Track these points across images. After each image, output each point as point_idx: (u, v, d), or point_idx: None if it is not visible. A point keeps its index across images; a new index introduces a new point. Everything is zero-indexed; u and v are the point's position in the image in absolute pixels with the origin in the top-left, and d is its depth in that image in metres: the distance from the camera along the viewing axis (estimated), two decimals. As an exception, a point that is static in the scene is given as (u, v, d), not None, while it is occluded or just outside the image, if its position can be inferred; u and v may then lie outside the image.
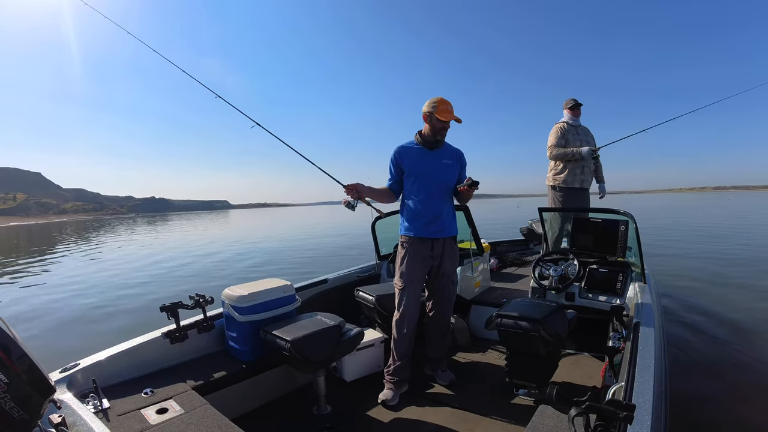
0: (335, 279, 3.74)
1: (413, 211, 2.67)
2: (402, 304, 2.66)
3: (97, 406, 1.85)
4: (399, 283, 2.69)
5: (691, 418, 2.82)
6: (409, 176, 2.68)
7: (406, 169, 2.68)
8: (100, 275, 11.02)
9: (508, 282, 4.28)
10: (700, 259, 9.45)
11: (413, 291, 2.67)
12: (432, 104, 2.59)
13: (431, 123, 2.62)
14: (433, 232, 2.66)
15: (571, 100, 4.47)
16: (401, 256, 2.69)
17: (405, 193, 2.74)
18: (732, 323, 4.84)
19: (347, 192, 2.61)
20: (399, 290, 2.69)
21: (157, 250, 17.92)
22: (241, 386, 2.44)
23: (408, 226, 2.69)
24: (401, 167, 2.69)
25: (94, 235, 29.90)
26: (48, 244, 25.12)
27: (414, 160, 2.67)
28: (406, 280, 2.65)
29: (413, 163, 2.67)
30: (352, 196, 2.61)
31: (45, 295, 8.62)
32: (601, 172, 4.67)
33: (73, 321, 6.60)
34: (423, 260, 2.67)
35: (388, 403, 2.54)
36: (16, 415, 1.21)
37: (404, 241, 2.70)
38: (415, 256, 2.65)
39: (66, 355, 2.75)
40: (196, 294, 2.59)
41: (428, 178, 2.66)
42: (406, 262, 2.66)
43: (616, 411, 1.22)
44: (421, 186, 2.66)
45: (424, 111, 2.63)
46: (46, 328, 6.19)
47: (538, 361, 2.47)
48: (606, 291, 3.04)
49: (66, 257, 16.37)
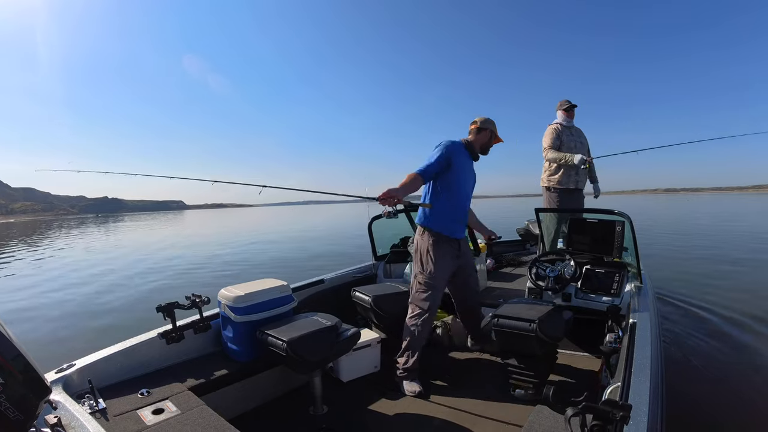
0: (332, 279, 3.74)
1: (450, 211, 2.77)
2: (429, 303, 2.74)
3: (93, 406, 1.84)
4: (429, 282, 2.74)
5: (688, 418, 2.83)
6: (454, 176, 2.74)
7: (455, 167, 2.73)
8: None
9: (505, 282, 4.28)
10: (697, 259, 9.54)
11: (441, 291, 2.81)
12: (490, 122, 2.86)
13: (489, 139, 2.87)
14: (460, 233, 2.86)
15: (566, 102, 4.48)
16: (430, 254, 2.74)
17: (441, 189, 2.76)
18: (729, 323, 4.87)
19: (383, 203, 2.49)
20: (428, 289, 2.74)
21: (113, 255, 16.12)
22: (237, 387, 2.43)
23: (440, 224, 2.77)
24: (451, 162, 2.71)
25: (39, 240, 26.74)
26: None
27: (463, 162, 2.80)
28: (437, 280, 2.75)
29: (462, 165, 2.78)
30: (389, 205, 2.50)
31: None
32: (594, 172, 4.71)
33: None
34: (452, 259, 2.81)
35: (422, 393, 2.63)
36: (12, 415, 1.20)
37: (435, 240, 2.75)
38: (445, 255, 2.76)
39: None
40: (193, 294, 2.58)
41: (468, 183, 2.85)
42: (438, 263, 2.73)
43: (613, 411, 1.23)
44: (461, 189, 2.79)
45: (483, 126, 2.85)
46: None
47: (534, 361, 2.48)
48: (602, 291, 3.05)
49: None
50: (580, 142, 4.49)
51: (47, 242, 24.39)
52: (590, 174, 4.66)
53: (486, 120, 2.87)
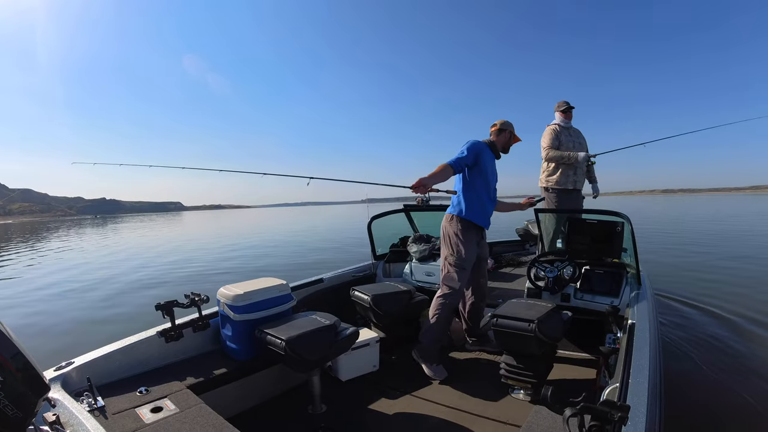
0: (331, 278, 3.74)
1: (479, 202, 3.01)
2: (460, 283, 2.93)
3: (92, 404, 1.84)
4: (459, 262, 2.94)
5: (686, 419, 2.83)
6: (482, 172, 2.99)
7: (483, 165, 2.98)
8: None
9: (504, 282, 4.29)
10: (696, 260, 9.55)
11: (469, 271, 3.01)
12: (509, 124, 3.15)
13: (509, 139, 3.15)
14: (486, 223, 3.10)
15: (563, 103, 4.48)
16: (459, 236, 2.96)
17: (471, 182, 3.01)
18: (728, 324, 4.87)
19: (415, 191, 2.71)
20: (457, 268, 2.95)
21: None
22: (236, 385, 2.43)
23: (471, 213, 2.99)
24: (479, 158, 2.96)
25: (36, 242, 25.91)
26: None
27: (489, 160, 3.05)
28: (466, 261, 2.95)
29: (487, 163, 3.02)
30: (421, 192, 2.74)
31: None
32: (593, 172, 4.71)
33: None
34: (477, 245, 3.04)
35: (443, 376, 2.85)
36: (11, 413, 1.21)
37: (464, 226, 2.98)
38: (472, 240, 3.00)
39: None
40: (192, 293, 2.58)
41: (493, 180, 3.10)
42: (467, 246, 2.95)
43: (611, 411, 1.23)
44: (489, 185, 3.04)
45: (503, 127, 3.13)
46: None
47: (533, 361, 2.48)
48: (601, 292, 3.05)
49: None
50: (579, 143, 4.49)
51: (46, 243, 24.38)
52: (589, 174, 4.66)
53: (505, 122, 3.15)
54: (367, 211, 4.24)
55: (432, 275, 3.87)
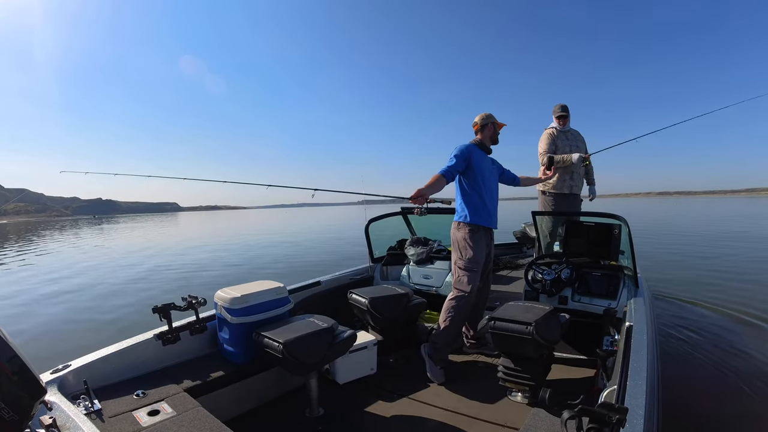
0: (328, 281, 3.73)
1: (480, 204, 3.04)
2: (471, 285, 2.96)
3: (89, 407, 1.83)
4: (469, 266, 2.98)
5: (685, 420, 2.84)
6: (476, 173, 3.03)
7: (474, 166, 3.02)
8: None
9: (502, 285, 4.29)
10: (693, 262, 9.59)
11: (479, 274, 3.03)
12: (488, 116, 3.15)
13: (493, 130, 3.17)
14: (493, 223, 3.12)
15: (559, 108, 4.43)
16: (467, 241, 2.99)
17: (468, 187, 3.06)
18: (726, 325, 4.91)
19: (414, 202, 2.79)
20: (468, 272, 2.99)
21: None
22: (233, 388, 2.42)
23: (476, 217, 3.03)
24: (470, 162, 3.01)
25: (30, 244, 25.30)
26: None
27: (480, 160, 3.08)
28: (478, 263, 2.99)
29: (479, 163, 3.05)
30: (420, 203, 2.82)
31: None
32: (592, 175, 4.71)
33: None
34: (486, 246, 3.08)
35: (442, 381, 2.85)
36: (7, 416, 1.20)
37: (471, 229, 3.02)
38: (481, 242, 3.03)
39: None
40: (189, 295, 2.57)
41: (491, 177, 3.13)
42: (475, 249, 2.99)
43: (609, 414, 1.23)
44: (485, 183, 3.06)
45: (484, 122, 3.15)
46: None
47: (531, 364, 2.48)
48: (599, 295, 3.06)
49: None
50: (576, 146, 4.47)
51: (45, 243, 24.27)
52: (588, 176, 4.66)
53: (483, 117, 3.17)
54: (365, 213, 4.24)
55: (429, 278, 3.87)
